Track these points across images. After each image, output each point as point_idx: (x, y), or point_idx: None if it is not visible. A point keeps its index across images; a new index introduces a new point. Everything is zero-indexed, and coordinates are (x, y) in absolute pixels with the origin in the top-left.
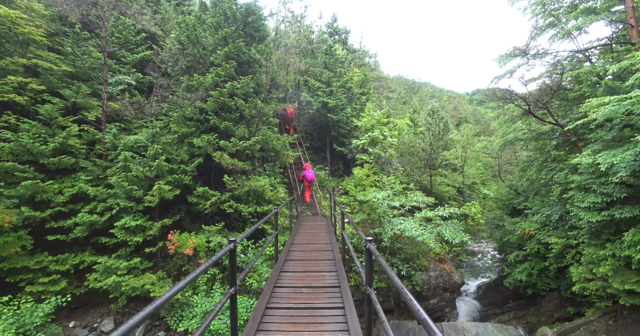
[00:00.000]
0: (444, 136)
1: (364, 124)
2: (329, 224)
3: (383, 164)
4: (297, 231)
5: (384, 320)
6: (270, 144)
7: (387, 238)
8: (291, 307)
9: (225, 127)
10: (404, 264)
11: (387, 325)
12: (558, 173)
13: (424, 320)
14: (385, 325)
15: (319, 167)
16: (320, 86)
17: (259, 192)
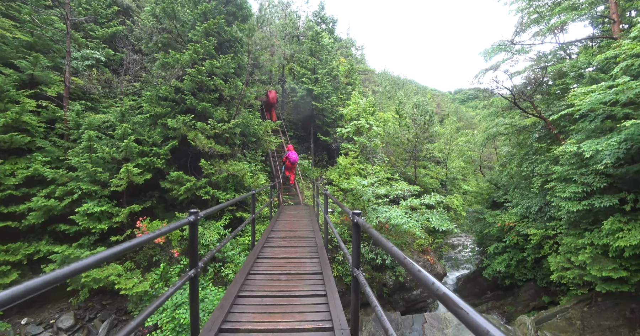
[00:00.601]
0: (429, 128)
1: (350, 112)
2: (312, 212)
3: (368, 154)
4: (278, 219)
5: (375, 305)
6: (251, 129)
7: (372, 226)
8: (266, 295)
9: (202, 109)
10: (387, 254)
11: (379, 309)
12: (539, 165)
13: (443, 295)
14: (377, 310)
15: (302, 156)
16: (305, 72)
17: (238, 178)
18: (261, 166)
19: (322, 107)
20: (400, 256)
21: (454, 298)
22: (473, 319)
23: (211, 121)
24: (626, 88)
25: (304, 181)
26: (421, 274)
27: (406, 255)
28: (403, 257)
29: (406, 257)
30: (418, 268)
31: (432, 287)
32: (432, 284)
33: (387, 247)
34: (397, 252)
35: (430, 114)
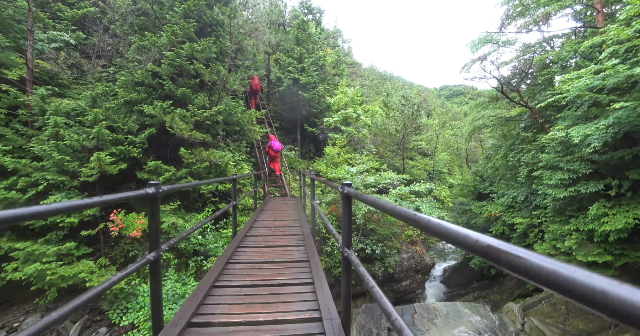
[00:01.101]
0: (417, 118)
1: (337, 101)
2: (299, 203)
3: (356, 145)
4: (263, 210)
5: (373, 285)
6: (235, 117)
7: (360, 214)
8: (246, 285)
9: (182, 95)
10: (377, 244)
11: (378, 290)
12: (526, 154)
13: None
14: (375, 291)
15: (289, 147)
16: (291, 61)
17: (221, 168)
18: (246, 157)
19: (309, 97)
20: (410, 214)
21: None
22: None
23: (191, 108)
24: (613, 72)
25: (291, 172)
26: (451, 229)
27: (395, 246)
28: (413, 214)
29: (416, 213)
30: (441, 222)
31: (469, 241)
32: (475, 241)
33: (388, 207)
34: (403, 210)
35: (418, 105)
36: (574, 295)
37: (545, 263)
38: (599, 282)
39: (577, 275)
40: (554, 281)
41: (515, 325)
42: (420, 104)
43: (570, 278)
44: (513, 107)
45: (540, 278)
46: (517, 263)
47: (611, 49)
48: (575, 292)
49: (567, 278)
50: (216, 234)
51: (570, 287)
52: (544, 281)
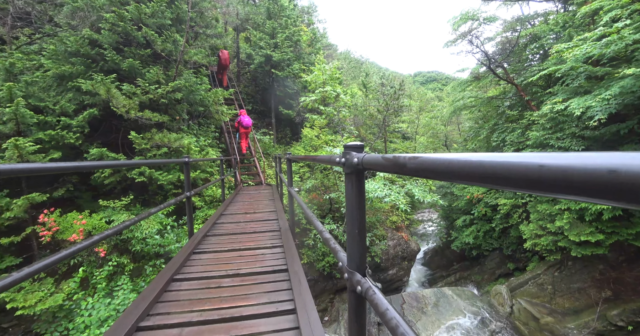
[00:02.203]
0: (400, 97)
1: (314, 79)
2: (275, 192)
3: (336, 126)
4: (233, 201)
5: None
6: (197, 96)
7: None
8: (192, 321)
9: (129, 67)
10: None
11: None
12: (511, 133)
13: None
14: None
15: (263, 131)
16: (263, 36)
17: (183, 154)
18: (214, 142)
19: (284, 75)
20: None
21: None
22: None
23: (141, 83)
24: (617, 38)
25: (266, 159)
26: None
27: (380, 234)
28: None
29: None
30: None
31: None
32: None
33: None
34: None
35: (401, 83)
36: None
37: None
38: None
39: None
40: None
41: (504, 308)
42: (402, 81)
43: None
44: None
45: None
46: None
47: (612, 14)
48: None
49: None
50: (179, 231)
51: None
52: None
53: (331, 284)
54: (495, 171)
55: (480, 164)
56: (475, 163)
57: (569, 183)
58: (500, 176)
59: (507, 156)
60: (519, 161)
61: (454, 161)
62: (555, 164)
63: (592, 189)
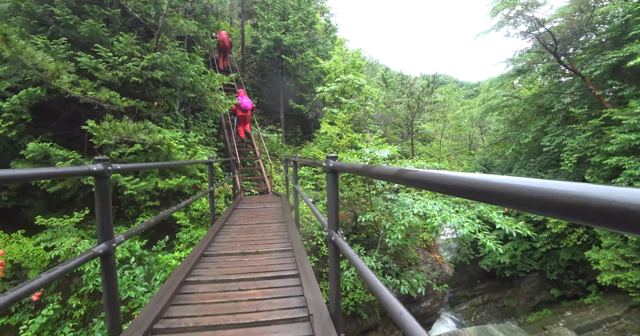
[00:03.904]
0: (433, 91)
1: (333, 66)
2: (286, 206)
3: (356, 125)
4: (227, 221)
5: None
6: (186, 78)
7: (397, 230)
8: None
9: (90, 33)
10: (393, 262)
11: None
12: (577, 136)
13: None
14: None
15: (270, 129)
16: (272, 17)
17: (162, 153)
18: (210, 139)
19: (296, 63)
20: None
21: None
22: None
23: (103, 52)
24: None
25: (273, 161)
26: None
27: (412, 257)
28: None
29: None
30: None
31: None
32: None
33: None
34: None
35: (434, 77)
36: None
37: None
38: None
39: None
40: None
41: None
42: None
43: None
44: (544, 80)
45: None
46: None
47: None
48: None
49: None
50: (151, 262)
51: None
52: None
53: (355, 325)
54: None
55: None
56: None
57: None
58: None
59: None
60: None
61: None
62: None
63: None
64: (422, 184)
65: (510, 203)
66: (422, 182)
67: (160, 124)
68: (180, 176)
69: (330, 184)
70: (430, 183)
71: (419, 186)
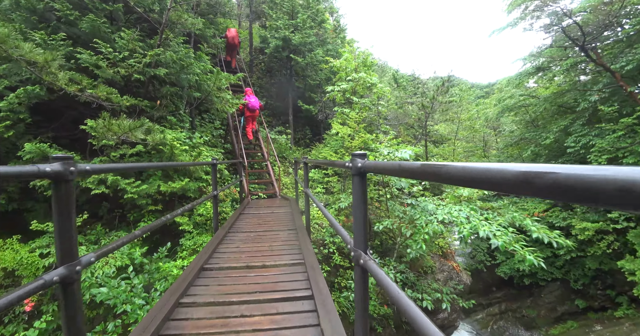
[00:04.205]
0: (449, 89)
1: (344, 64)
2: (295, 211)
3: (371, 124)
4: (233, 227)
5: None
6: (191, 76)
7: (420, 240)
8: None
9: (91, 29)
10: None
11: None
12: (606, 136)
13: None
14: None
15: (278, 130)
16: (280, 15)
17: (165, 154)
18: (217, 141)
19: (305, 63)
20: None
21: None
22: None
23: (104, 48)
24: None
25: (281, 163)
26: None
27: (428, 265)
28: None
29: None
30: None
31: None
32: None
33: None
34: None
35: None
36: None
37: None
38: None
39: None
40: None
41: None
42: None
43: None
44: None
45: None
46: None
47: None
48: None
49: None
50: (151, 270)
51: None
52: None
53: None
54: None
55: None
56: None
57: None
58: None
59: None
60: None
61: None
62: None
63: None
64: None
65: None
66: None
67: (164, 124)
68: (183, 179)
69: (357, 189)
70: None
71: (473, 186)
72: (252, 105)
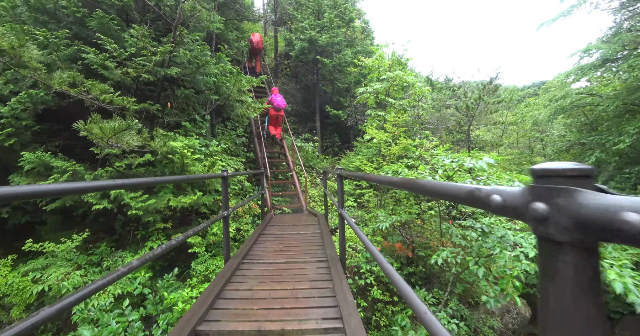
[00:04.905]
0: (497, 88)
1: (376, 63)
2: (324, 233)
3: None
4: (247, 258)
5: None
6: (208, 78)
7: (505, 284)
8: None
9: (100, 26)
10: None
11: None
12: None
13: None
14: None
15: (305, 138)
16: (306, 15)
17: (175, 164)
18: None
19: (332, 65)
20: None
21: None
22: None
23: (109, 45)
24: None
25: (308, 174)
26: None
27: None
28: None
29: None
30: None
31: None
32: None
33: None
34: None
35: (497, 72)
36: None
37: None
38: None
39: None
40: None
41: None
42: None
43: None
44: None
45: None
46: None
47: None
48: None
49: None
50: (155, 301)
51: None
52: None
53: None
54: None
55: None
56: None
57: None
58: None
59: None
60: None
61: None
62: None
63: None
64: None
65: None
66: None
67: (178, 131)
68: (196, 192)
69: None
70: None
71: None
72: (278, 103)
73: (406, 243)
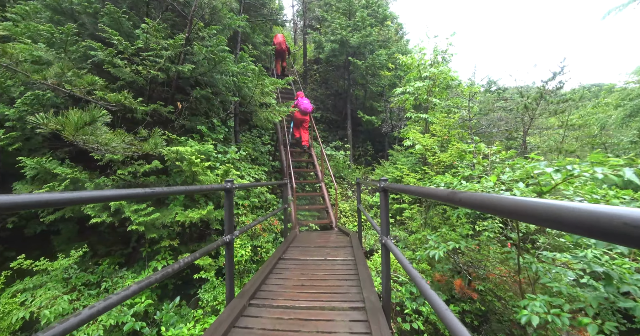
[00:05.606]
0: (563, 85)
1: (416, 61)
2: (359, 260)
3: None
4: (257, 294)
5: None
6: (226, 77)
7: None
8: None
9: (111, 22)
10: None
11: None
12: None
13: None
14: None
15: (335, 146)
16: (337, 16)
17: (184, 173)
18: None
19: (365, 66)
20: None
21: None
22: None
23: (117, 42)
24: None
25: (339, 185)
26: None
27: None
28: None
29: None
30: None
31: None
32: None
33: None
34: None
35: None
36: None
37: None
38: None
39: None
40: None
41: None
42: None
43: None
44: None
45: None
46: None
47: None
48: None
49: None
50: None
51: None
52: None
53: None
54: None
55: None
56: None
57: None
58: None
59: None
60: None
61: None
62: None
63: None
64: None
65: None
66: None
67: (192, 135)
68: (206, 207)
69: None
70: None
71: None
72: (305, 107)
73: (458, 272)
